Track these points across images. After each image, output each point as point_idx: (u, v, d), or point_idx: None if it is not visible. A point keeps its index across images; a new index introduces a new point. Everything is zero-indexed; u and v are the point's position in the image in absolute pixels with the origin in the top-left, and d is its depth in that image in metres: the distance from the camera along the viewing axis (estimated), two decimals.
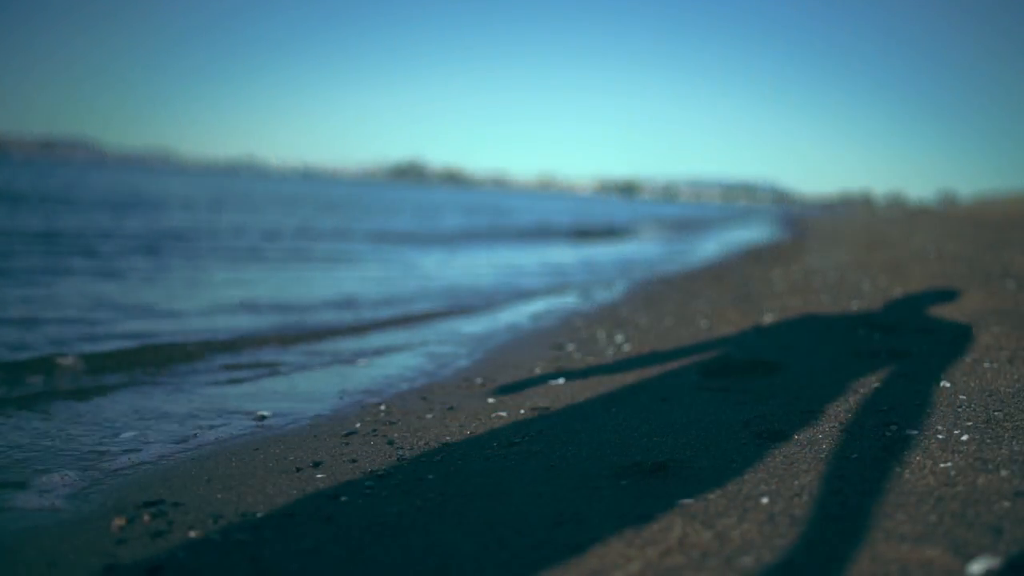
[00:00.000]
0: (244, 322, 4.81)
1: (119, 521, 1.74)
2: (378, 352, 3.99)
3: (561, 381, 3.14)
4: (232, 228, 13.30)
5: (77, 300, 5.32)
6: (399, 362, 3.76)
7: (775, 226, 25.09)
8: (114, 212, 14.92)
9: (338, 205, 28.15)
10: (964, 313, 4.14)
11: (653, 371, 3.26)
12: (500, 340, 4.34)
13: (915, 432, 2.18)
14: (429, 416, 2.66)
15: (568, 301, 6.13)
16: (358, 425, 2.56)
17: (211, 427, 2.60)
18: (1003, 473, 1.79)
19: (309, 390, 3.17)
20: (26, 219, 11.80)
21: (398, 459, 2.19)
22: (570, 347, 3.92)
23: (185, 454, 2.30)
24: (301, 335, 4.44)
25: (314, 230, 14.44)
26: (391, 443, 2.35)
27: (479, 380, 3.23)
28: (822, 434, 2.24)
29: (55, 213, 13.37)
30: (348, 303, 5.83)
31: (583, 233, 18.91)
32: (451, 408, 2.77)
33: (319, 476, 2.05)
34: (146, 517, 1.76)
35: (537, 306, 5.87)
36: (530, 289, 7.17)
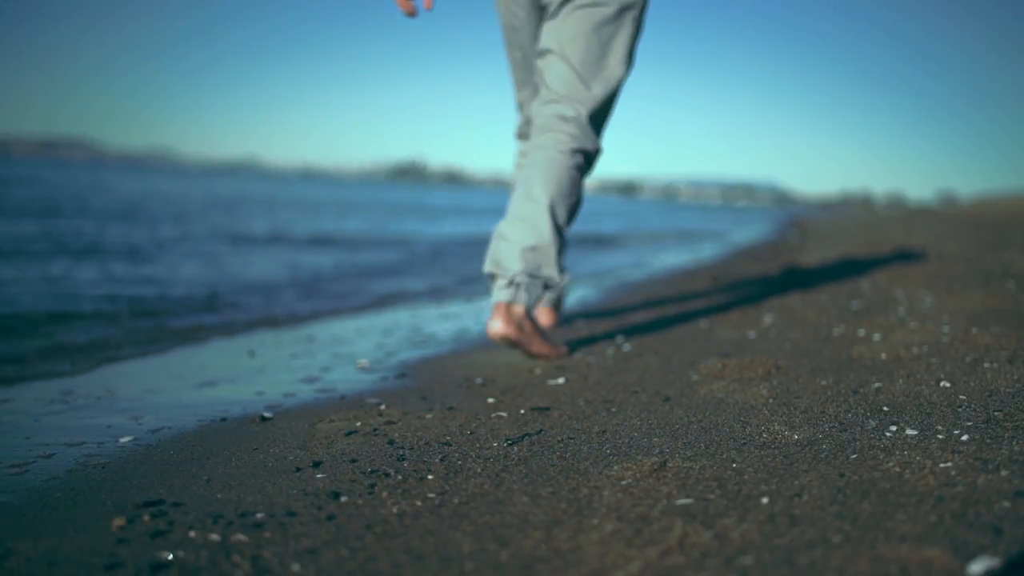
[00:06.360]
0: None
1: (119, 521, 1.74)
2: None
3: (561, 381, 3.14)
4: None
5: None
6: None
7: (772, 229, 24.99)
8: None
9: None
10: (965, 313, 4.14)
11: (654, 371, 3.26)
12: None
13: (915, 432, 2.18)
14: (429, 416, 2.66)
15: None
16: (358, 424, 2.56)
17: (211, 427, 2.60)
18: (1003, 473, 1.79)
19: (311, 389, 3.17)
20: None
21: (398, 459, 2.20)
22: None
23: (185, 454, 2.30)
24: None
25: None
26: (391, 443, 2.35)
27: (479, 380, 3.23)
28: (822, 434, 2.25)
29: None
30: None
31: None
32: (451, 408, 2.77)
33: (319, 476, 2.06)
34: (146, 517, 1.76)
35: None
36: None
